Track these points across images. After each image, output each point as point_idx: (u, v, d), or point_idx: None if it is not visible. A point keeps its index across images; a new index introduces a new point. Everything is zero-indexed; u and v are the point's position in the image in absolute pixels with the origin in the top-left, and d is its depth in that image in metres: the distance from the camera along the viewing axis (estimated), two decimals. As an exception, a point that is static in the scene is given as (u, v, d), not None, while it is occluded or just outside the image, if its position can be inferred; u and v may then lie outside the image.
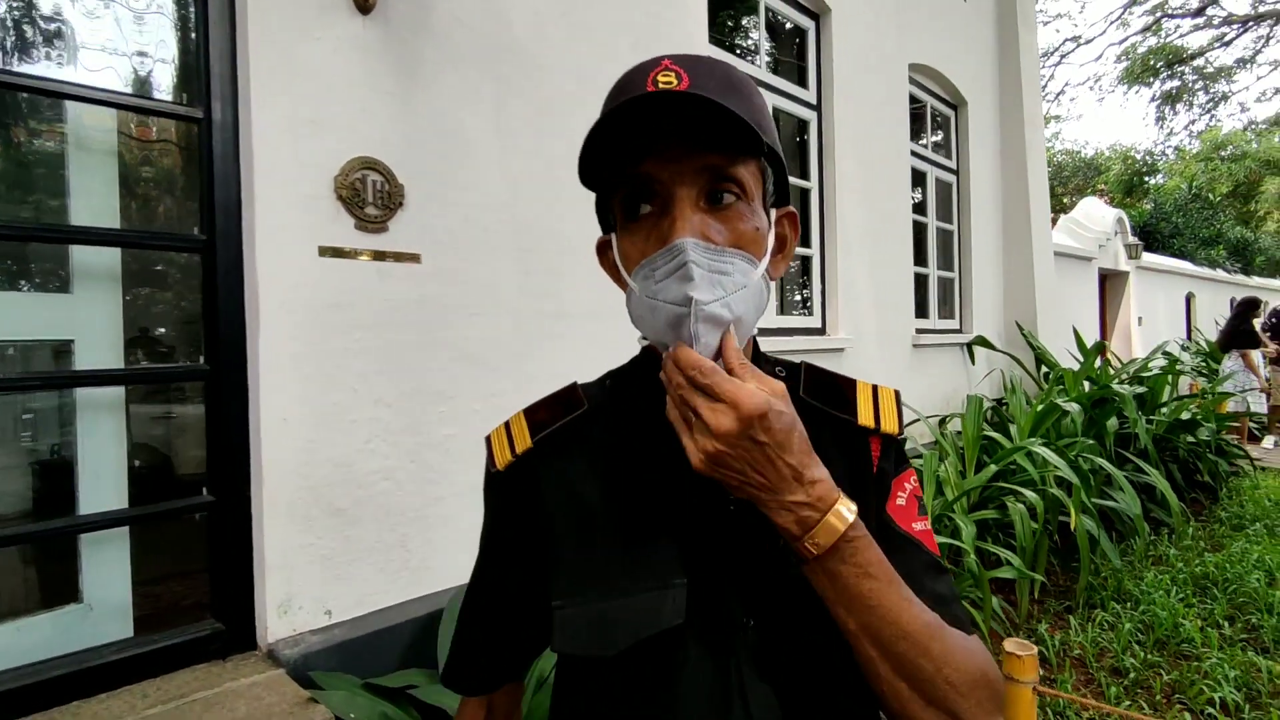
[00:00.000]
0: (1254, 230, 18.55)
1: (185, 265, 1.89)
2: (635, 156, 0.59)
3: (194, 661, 1.78)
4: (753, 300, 0.60)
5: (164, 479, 1.94)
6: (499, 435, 0.72)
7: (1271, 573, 3.72)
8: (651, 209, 0.61)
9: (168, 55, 1.87)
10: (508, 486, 0.71)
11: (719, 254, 0.58)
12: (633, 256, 0.62)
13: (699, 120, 0.56)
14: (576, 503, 0.67)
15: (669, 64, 0.59)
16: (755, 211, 0.62)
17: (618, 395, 0.72)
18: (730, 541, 0.64)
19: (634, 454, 0.67)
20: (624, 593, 0.62)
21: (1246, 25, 19.66)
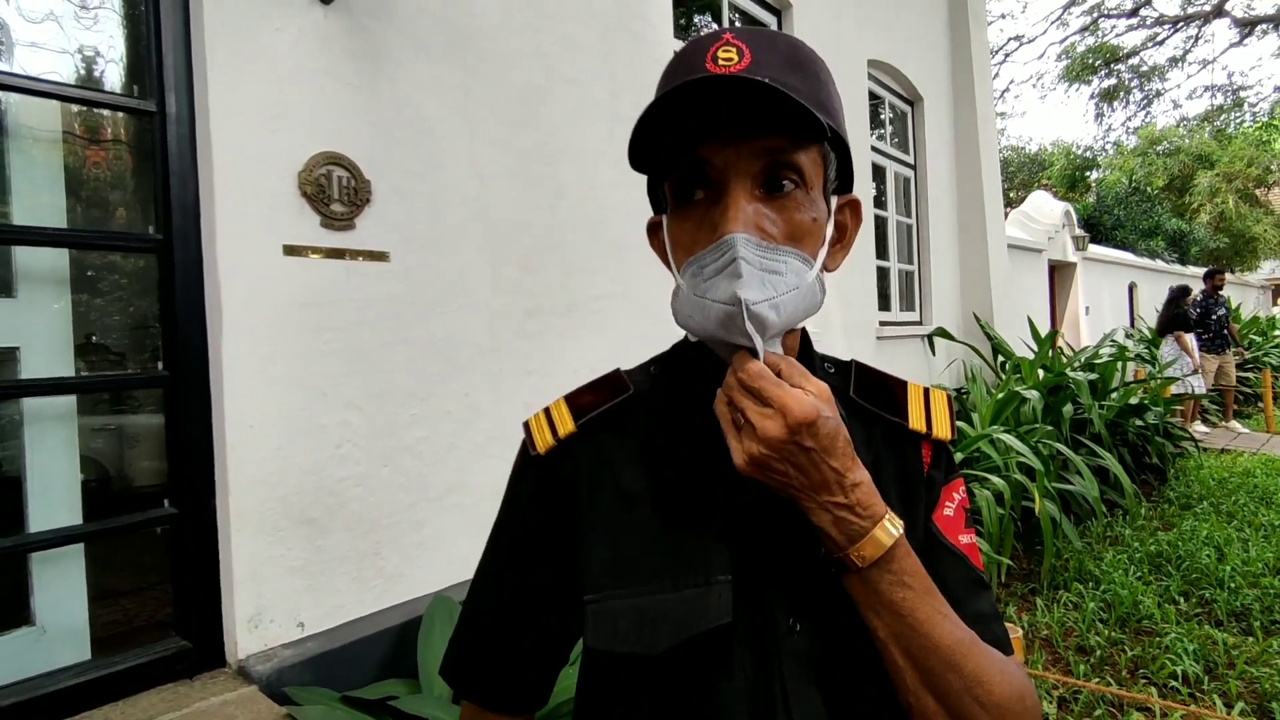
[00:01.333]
0: (1189, 222, 19.39)
1: (142, 266, 1.79)
2: (690, 139, 0.56)
3: (159, 682, 1.69)
4: (804, 301, 0.58)
5: (122, 492, 1.84)
6: (539, 420, 0.68)
7: (1220, 549, 3.88)
8: (705, 194, 0.57)
9: (117, 45, 1.78)
10: (547, 472, 0.66)
11: (772, 252, 0.55)
12: (682, 243, 0.59)
13: (759, 103, 0.52)
14: (618, 490, 0.63)
15: (730, 39, 0.56)
16: (814, 201, 0.59)
17: (664, 383, 0.68)
18: (777, 541, 0.61)
19: (680, 444, 0.64)
20: (666, 588, 0.59)
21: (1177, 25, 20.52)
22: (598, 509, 0.63)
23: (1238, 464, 6.06)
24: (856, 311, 4.73)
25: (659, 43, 3.14)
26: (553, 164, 2.56)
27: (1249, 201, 21.30)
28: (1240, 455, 6.46)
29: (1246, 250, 21.18)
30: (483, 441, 2.29)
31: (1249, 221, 20.62)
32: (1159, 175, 21.76)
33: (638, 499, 0.63)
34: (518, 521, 0.68)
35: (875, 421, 0.68)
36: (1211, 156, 21.51)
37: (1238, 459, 6.29)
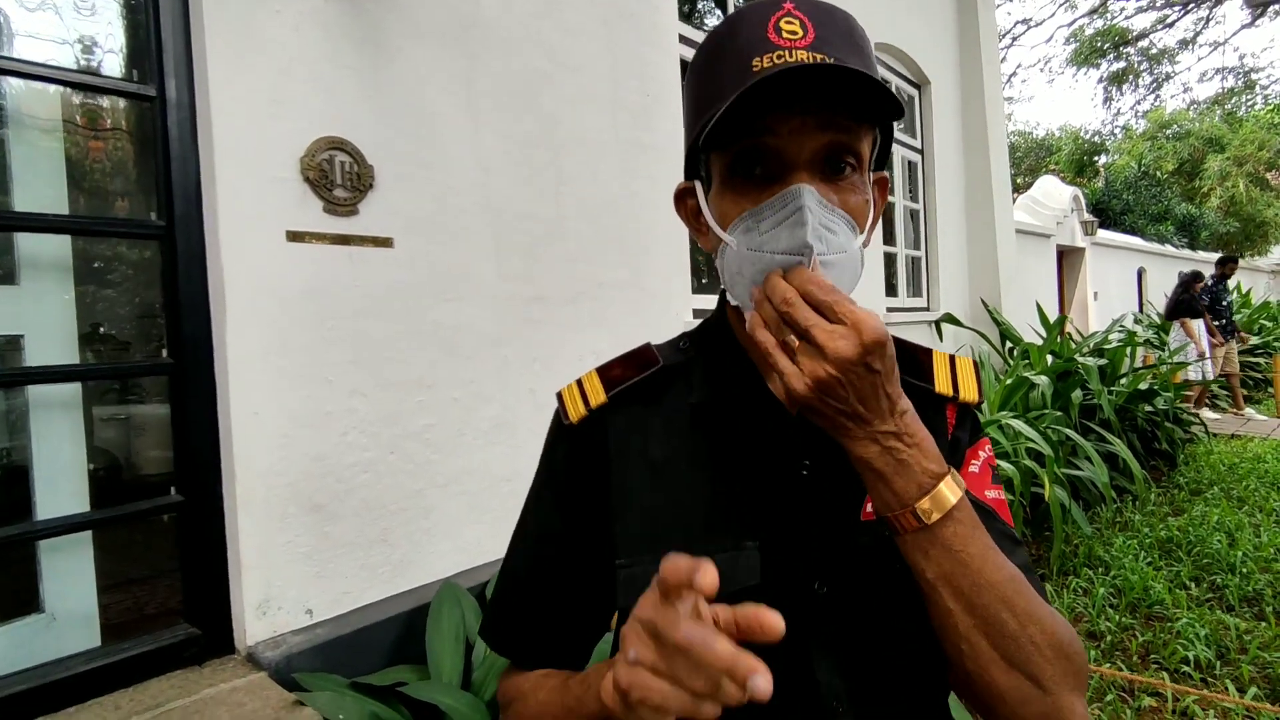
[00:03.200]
0: (1199, 206, 19.20)
1: (145, 253, 1.78)
2: (756, 119, 0.55)
3: (168, 669, 1.70)
4: (850, 268, 0.58)
5: (129, 479, 1.84)
6: (571, 391, 0.69)
7: (1231, 534, 3.86)
8: (762, 171, 0.57)
9: (116, 30, 1.76)
10: (580, 439, 0.68)
11: (830, 211, 0.56)
12: (730, 215, 0.58)
13: (833, 85, 0.53)
14: (647, 459, 0.65)
15: (792, 9, 0.55)
16: (865, 182, 0.60)
17: (694, 355, 0.70)
18: (802, 507, 0.62)
19: (709, 415, 0.65)
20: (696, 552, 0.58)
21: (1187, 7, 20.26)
22: (628, 477, 0.65)
23: (1248, 449, 6.02)
24: (862, 297, 4.67)
25: (663, 29, 3.10)
26: (556, 151, 2.54)
27: (1260, 185, 21.06)
28: (1251, 440, 6.42)
29: (1257, 234, 20.97)
30: (488, 429, 2.28)
31: (1260, 205, 20.40)
32: (1168, 159, 21.54)
33: (667, 467, 0.64)
34: (553, 487, 0.70)
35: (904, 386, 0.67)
36: (1222, 140, 21.27)
37: (1248, 444, 6.24)
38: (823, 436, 0.61)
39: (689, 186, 0.66)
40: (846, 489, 0.63)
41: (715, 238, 0.61)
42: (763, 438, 0.64)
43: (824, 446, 0.62)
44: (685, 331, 0.74)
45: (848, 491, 0.63)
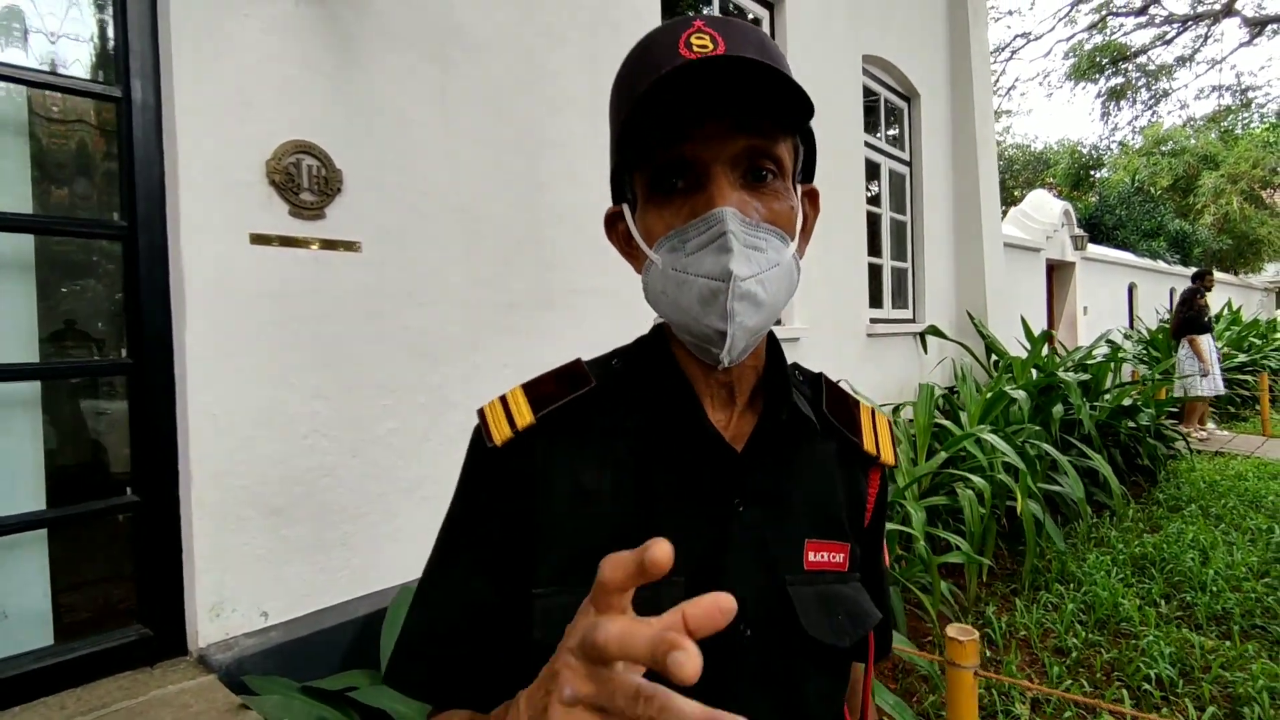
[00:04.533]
0: (1192, 223, 19.27)
1: (108, 253, 1.79)
2: (671, 132, 0.55)
3: (119, 669, 1.70)
4: (784, 280, 0.58)
5: (86, 479, 1.84)
6: (494, 409, 0.65)
7: (1205, 552, 3.87)
8: (685, 183, 0.57)
9: (82, 30, 1.76)
10: (503, 465, 0.63)
11: (754, 228, 0.56)
12: (656, 231, 0.58)
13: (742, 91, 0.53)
14: (575, 486, 0.62)
15: (702, 25, 0.55)
16: (789, 189, 0.60)
17: (626, 377, 0.67)
18: (732, 543, 0.60)
19: (641, 441, 0.63)
20: None
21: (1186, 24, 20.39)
22: (554, 505, 0.61)
23: (1230, 466, 6.04)
24: (846, 308, 4.71)
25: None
26: (532, 157, 2.55)
27: (1254, 203, 21.18)
28: (1233, 458, 6.44)
29: (1250, 252, 21.09)
30: (455, 434, 2.28)
31: (1254, 223, 20.50)
32: (1163, 175, 21.65)
33: (595, 496, 0.61)
34: (471, 518, 0.65)
35: (837, 439, 0.70)
36: (1217, 157, 21.39)
37: (1230, 462, 6.27)
38: (762, 474, 0.62)
39: (617, 210, 0.65)
40: (784, 532, 0.63)
41: (644, 256, 0.60)
42: (698, 469, 0.62)
43: (762, 484, 0.62)
44: (619, 347, 0.71)
45: (786, 535, 0.63)
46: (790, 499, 0.64)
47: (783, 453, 0.64)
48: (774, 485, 0.63)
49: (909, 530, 2.91)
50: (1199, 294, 7.58)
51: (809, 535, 0.64)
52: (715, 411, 0.64)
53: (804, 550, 0.63)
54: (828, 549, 0.65)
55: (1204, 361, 7.26)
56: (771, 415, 0.63)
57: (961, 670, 1.47)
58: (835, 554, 0.65)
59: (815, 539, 0.64)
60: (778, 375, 0.66)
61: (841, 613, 0.63)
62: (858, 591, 0.66)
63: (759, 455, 0.63)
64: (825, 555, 0.64)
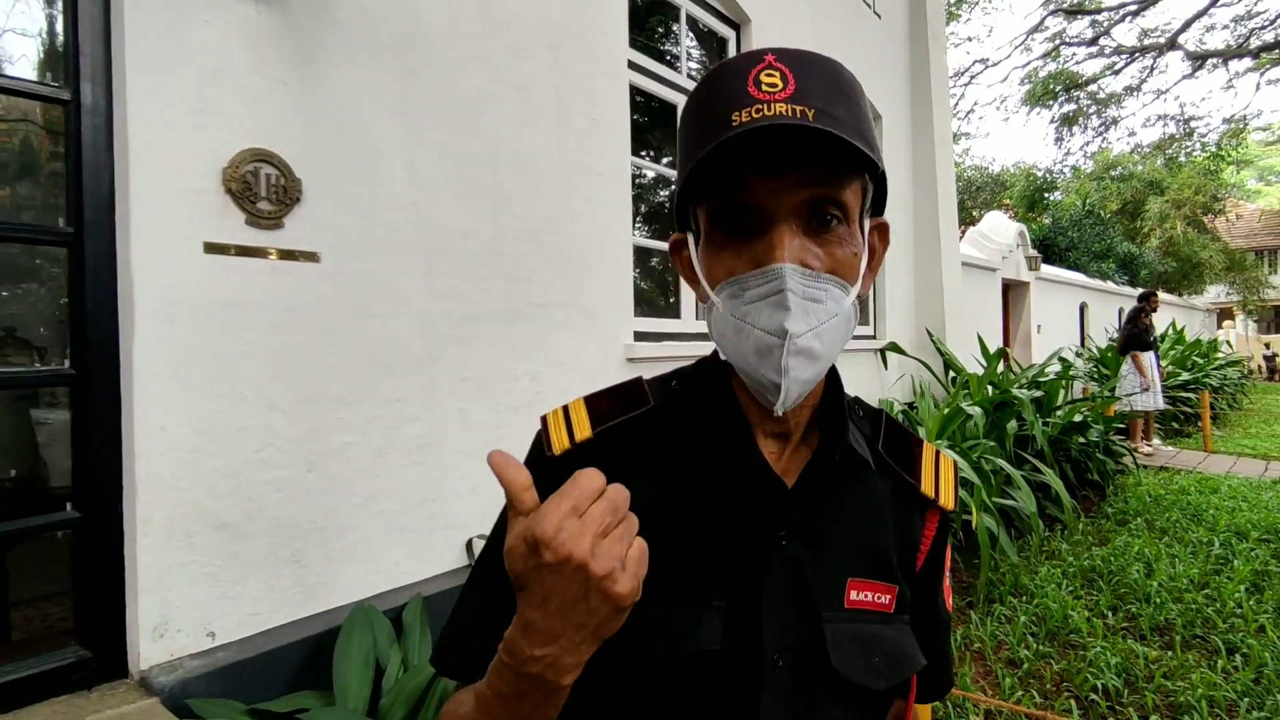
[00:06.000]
0: (1139, 246, 20.03)
1: (53, 259, 1.73)
2: (735, 173, 0.55)
3: (54, 693, 1.62)
4: (842, 329, 0.58)
5: (22, 493, 1.77)
6: (556, 419, 0.66)
7: (1150, 564, 4.00)
8: (746, 225, 0.57)
9: (29, 27, 1.71)
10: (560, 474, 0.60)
11: (814, 279, 0.56)
12: (716, 272, 0.59)
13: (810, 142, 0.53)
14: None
15: (773, 60, 0.55)
16: (854, 234, 0.59)
17: (683, 400, 0.68)
18: (774, 574, 0.61)
19: (693, 464, 0.64)
20: (665, 603, 0.58)
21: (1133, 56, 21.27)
22: None
23: (1174, 481, 6.26)
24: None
25: (612, 54, 3.15)
26: (496, 171, 2.55)
27: (1196, 228, 22.14)
28: (1177, 473, 6.68)
29: (1193, 274, 22.00)
30: (413, 448, 2.25)
31: (1196, 247, 21.41)
32: (1113, 199, 22.51)
33: (646, 513, 0.58)
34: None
35: (893, 476, 0.69)
36: (1162, 183, 22.31)
37: (1174, 477, 6.50)
38: (809, 510, 0.63)
39: (681, 238, 0.66)
40: (826, 568, 0.63)
41: (703, 291, 0.61)
42: (746, 498, 0.62)
43: (809, 520, 0.63)
44: (680, 368, 0.72)
45: (828, 571, 0.63)
46: (836, 536, 0.64)
47: (833, 490, 0.65)
48: (820, 522, 0.64)
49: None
50: (1144, 313, 7.88)
51: (853, 574, 0.64)
52: (769, 444, 0.65)
53: (845, 588, 0.63)
54: (872, 589, 0.65)
55: (1145, 377, 7.54)
56: (825, 453, 0.64)
57: (914, 684, 1.49)
58: (881, 595, 0.65)
59: (859, 578, 0.64)
60: (835, 412, 0.66)
61: (879, 654, 0.63)
62: (902, 634, 0.66)
63: (808, 491, 0.63)
64: (869, 595, 0.64)
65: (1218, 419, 8.86)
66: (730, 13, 4.15)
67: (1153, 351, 7.75)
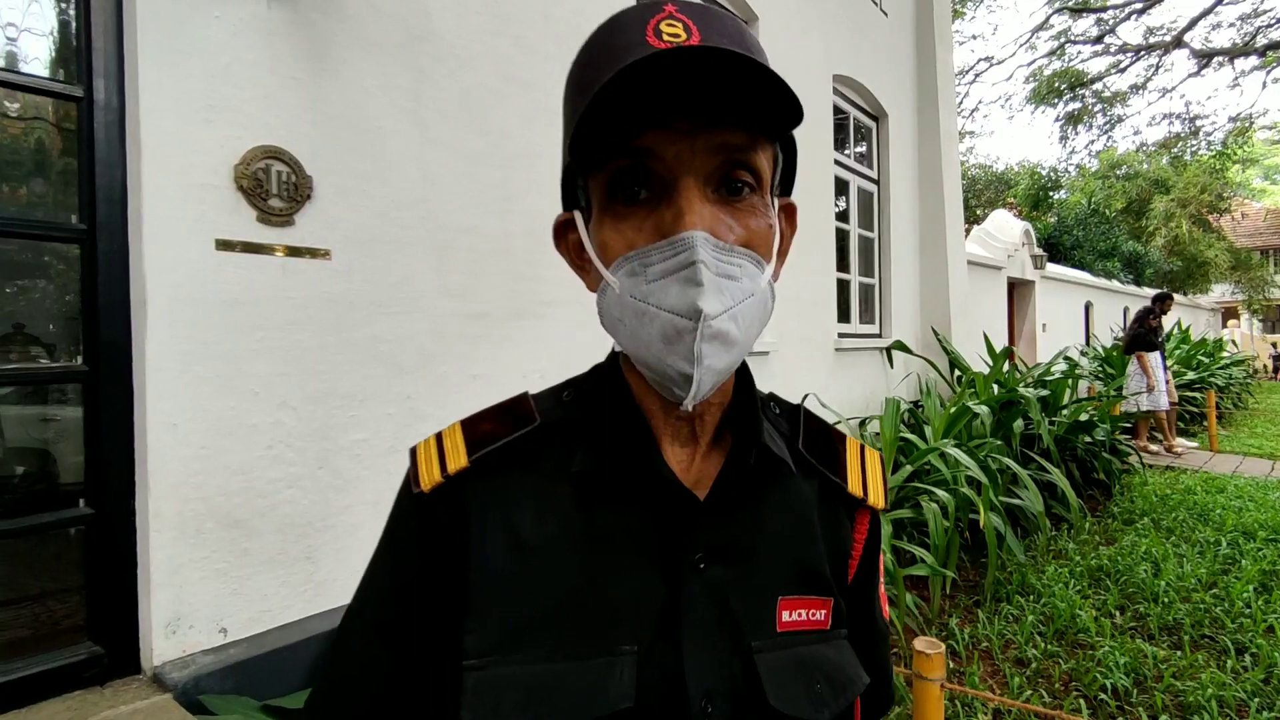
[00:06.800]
0: (1144, 245, 20.01)
1: (65, 256, 1.73)
2: (633, 126, 0.47)
3: (68, 689, 1.63)
4: (759, 311, 0.51)
5: (36, 490, 1.77)
6: (427, 449, 0.57)
7: (1157, 564, 3.99)
8: (648, 194, 0.50)
9: (43, 26, 1.71)
10: (432, 513, 0.55)
11: (728, 252, 0.49)
12: (615, 248, 0.51)
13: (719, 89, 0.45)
14: (515, 540, 0.53)
15: (674, 11, 0.47)
16: (768, 205, 0.53)
17: (578, 412, 0.58)
18: (694, 605, 0.53)
19: (590, 487, 0.55)
20: (563, 656, 0.50)
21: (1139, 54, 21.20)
22: (490, 561, 0.53)
23: (1180, 481, 6.24)
24: (815, 323, 4.77)
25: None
26: (504, 168, 2.54)
27: (1202, 227, 22.08)
28: (1183, 473, 6.66)
29: (1199, 274, 21.95)
30: (424, 445, 2.25)
31: (1201, 246, 21.37)
32: (1118, 198, 22.45)
33: (539, 551, 0.53)
34: (394, 571, 0.57)
35: (817, 476, 0.63)
36: (1168, 182, 22.26)
37: (1180, 476, 6.48)
38: (727, 524, 0.55)
39: (569, 218, 0.57)
40: (754, 590, 0.55)
41: (598, 275, 0.52)
42: (653, 520, 0.54)
43: (727, 536, 0.55)
44: (571, 379, 0.63)
45: (756, 593, 0.55)
46: (760, 552, 0.57)
47: (753, 498, 0.57)
48: (741, 537, 0.56)
49: (875, 543, 2.94)
50: (1152, 314, 7.84)
51: (783, 592, 0.57)
52: (675, 451, 0.57)
53: (777, 610, 0.56)
54: (806, 605, 0.57)
55: (1150, 377, 7.52)
56: (739, 457, 0.56)
57: (928, 683, 1.49)
58: (815, 610, 0.58)
59: (791, 595, 0.57)
60: (747, 410, 0.58)
61: (821, 679, 0.56)
62: (841, 651, 0.59)
63: (724, 503, 0.55)
64: (803, 613, 0.57)
65: (1223, 418, 8.84)
66: (738, 11, 4.14)
67: (1158, 352, 7.72)
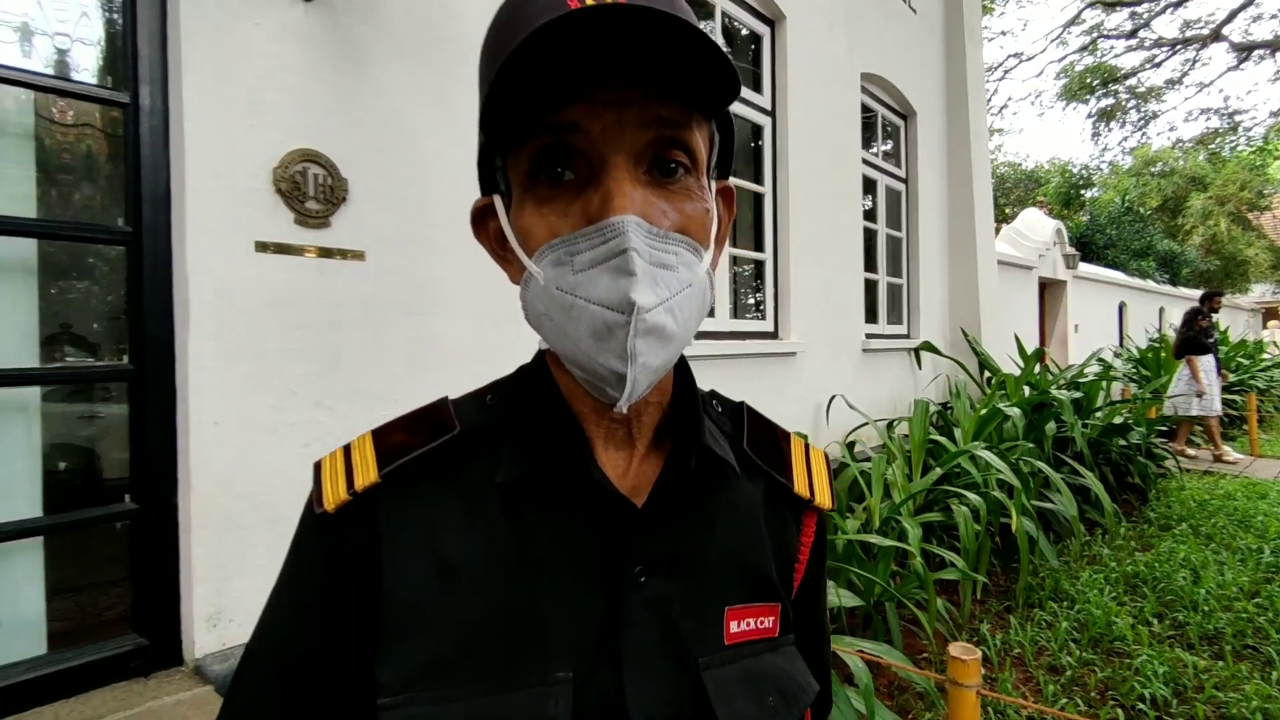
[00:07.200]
0: (1181, 243, 19.55)
1: (111, 258, 1.78)
2: (553, 98, 0.42)
3: (113, 679, 1.67)
4: (697, 302, 0.47)
5: (83, 485, 1.82)
6: (333, 463, 0.51)
7: (1196, 571, 3.89)
8: (574, 175, 0.45)
9: (91, 35, 1.76)
10: (339, 535, 0.49)
11: (662, 239, 0.45)
12: (538, 235, 0.46)
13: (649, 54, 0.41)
14: (435, 560, 0.48)
15: None
16: (704, 188, 0.49)
17: (503, 417, 0.54)
18: (635, 622, 0.49)
19: (518, 498, 0.50)
20: (490, 689, 0.45)
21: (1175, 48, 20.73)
22: (405, 586, 0.48)
23: (1219, 486, 6.08)
24: (842, 323, 4.73)
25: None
26: (536, 168, 2.56)
27: (1241, 225, 21.50)
28: (1222, 478, 6.49)
29: (1237, 273, 21.40)
30: (455, 444, 2.28)
31: (1240, 245, 20.82)
32: (1153, 196, 21.96)
33: (460, 571, 0.48)
34: (298, 601, 0.51)
35: (762, 477, 0.60)
36: (1205, 179, 21.73)
37: (1219, 481, 6.31)
38: (668, 532, 0.52)
39: (487, 203, 0.52)
40: (699, 602, 0.52)
41: (521, 264, 0.48)
42: (588, 532, 0.50)
43: (669, 546, 0.51)
44: (494, 381, 0.58)
45: (702, 605, 0.52)
46: (704, 560, 0.53)
47: (695, 503, 0.53)
48: (683, 546, 0.52)
49: (905, 546, 2.91)
50: (1200, 314, 7.59)
51: (730, 601, 0.53)
52: (610, 455, 0.53)
53: (724, 621, 0.52)
54: (754, 614, 0.54)
55: (1200, 382, 7.31)
56: (679, 460, 0.52)
57: (964, 689, 1.47)
58: (764, 618, 0.55)
59: (738, 604, 0.53)
60: (687, 410, 0.54)
61: (773, 691, 0.53)
62: (792, 660, 0.56)
63: (664, 509, 0.51)
64: (751, 622, 0.54)
65: (1264, 422, 8.59)
66: (765, 9, 4.12)
67: (1211, 355, 7.46)
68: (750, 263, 4.36)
